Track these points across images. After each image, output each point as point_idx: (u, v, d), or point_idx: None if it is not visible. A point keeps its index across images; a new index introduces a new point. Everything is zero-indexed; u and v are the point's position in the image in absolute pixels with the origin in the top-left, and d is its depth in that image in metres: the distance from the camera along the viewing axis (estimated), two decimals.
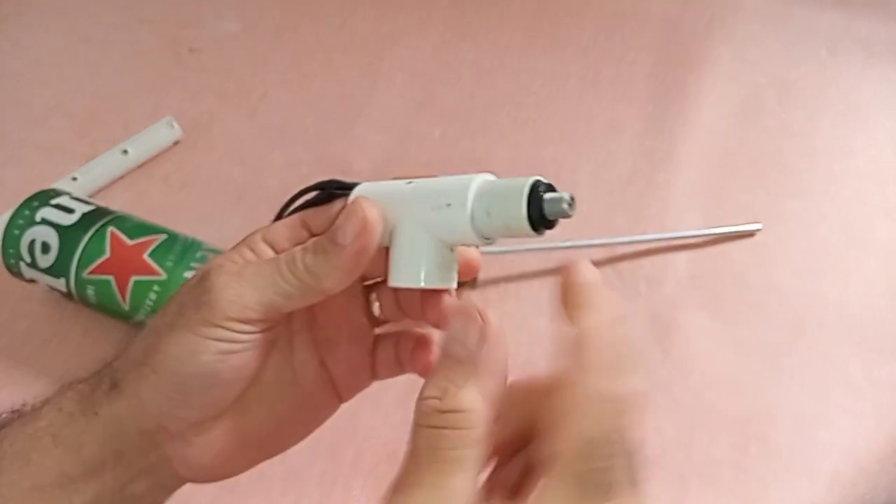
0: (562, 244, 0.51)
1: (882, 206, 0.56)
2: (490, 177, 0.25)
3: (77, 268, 0.41)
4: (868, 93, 0.64)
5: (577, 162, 0.58)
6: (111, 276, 0.41)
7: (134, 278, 0.40)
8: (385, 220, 0.25)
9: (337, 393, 0.32)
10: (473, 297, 0.48)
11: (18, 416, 0.28)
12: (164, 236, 0.42)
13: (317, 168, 0.57)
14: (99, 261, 0.41)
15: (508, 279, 0.50)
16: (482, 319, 0.23)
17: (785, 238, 0.54)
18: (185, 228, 0.44)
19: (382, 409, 0.44)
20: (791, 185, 0.57)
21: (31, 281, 0.44)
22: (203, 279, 0.26)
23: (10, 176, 0.55)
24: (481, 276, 0.49)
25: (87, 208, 0.43)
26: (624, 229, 0.54)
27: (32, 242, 0.42)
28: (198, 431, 0.28)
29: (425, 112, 0.61)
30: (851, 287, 0.51)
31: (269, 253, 0.28)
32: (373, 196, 0.26)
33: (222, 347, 0.26)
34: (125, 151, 0.55)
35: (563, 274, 0.24)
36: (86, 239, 0.41)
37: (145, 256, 0.41)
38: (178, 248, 0.41)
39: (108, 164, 0.55)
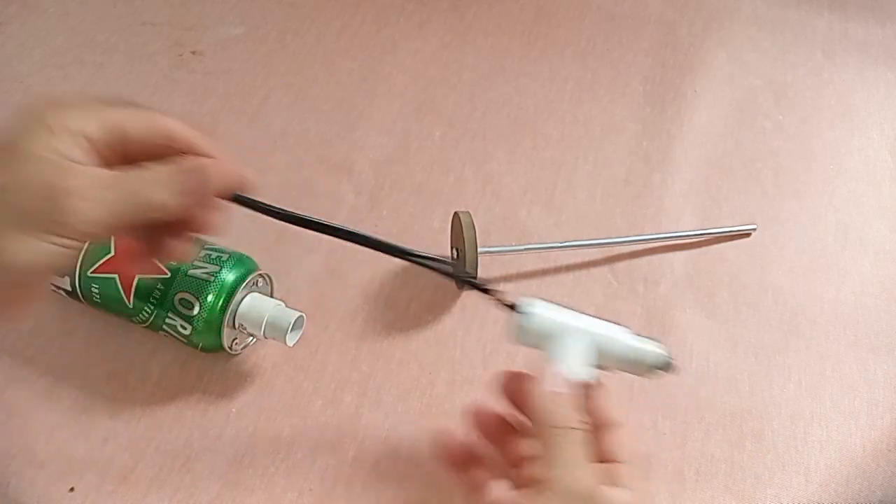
0: (561, 244, 0.51)
1: (877, 206, 0.57)
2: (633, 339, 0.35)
3: (82, 266, 0.42)
4: (863, 95, 0.65)
5: (575, 163, 0.59)
6: (115, 274, 0.41)
7: (138, 277, 0.41)
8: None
9: None
10: (471, 296, 0.48)
11: None
12: None
13: (318, 169, 0.57)
14: (104, 259, 0.41)
15: (507, 279, 0.51)
16: None
17: (780, 238, 0.54)
18: None
19: (383, 407, 0.44)
20: (786, 186, 0.58)
21: None
22: (51, 195, 0.27)
23: None
24: (481, 275, 0.49)
25: None
26: (621, 229, 0.54)
27: None
28: None
29: (425, 114, 0.62)
30: (846, 287, 0.52)
31: (85, 145, 0.28)
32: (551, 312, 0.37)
33: (65, 253, 0.27)
34: None
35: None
36: None
37: None
38: None
39: None
